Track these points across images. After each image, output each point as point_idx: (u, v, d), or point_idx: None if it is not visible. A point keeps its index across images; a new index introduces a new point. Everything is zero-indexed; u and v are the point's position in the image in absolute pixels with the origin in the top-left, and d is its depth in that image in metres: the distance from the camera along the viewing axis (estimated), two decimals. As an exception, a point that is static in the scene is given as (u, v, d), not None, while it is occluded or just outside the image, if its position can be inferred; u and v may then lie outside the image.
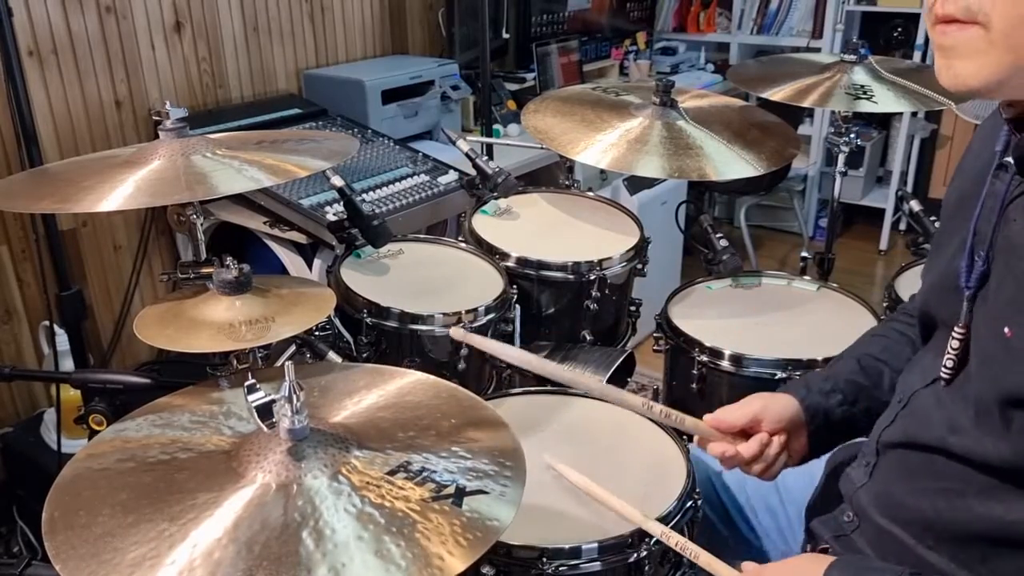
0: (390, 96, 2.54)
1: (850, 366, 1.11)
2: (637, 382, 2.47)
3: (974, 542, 0.81)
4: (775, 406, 1.07)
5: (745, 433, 1.06)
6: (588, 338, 1.69)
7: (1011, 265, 0.79)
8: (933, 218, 1.73)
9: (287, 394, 0.80)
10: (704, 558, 0.94)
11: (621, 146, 1.55)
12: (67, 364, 1.93)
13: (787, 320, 1.60)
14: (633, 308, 1.84)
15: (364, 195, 2.09)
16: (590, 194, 1.97)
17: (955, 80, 0.74)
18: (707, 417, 1.08)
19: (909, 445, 0.89)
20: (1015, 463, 0.76)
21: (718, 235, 1.77)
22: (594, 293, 1.65)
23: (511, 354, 1.12)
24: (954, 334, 0.84)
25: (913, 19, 3.87)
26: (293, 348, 1.33)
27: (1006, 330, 0.76)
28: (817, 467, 1.11)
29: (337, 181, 1.55)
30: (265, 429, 0.82)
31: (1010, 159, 0.80)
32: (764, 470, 1.06)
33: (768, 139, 1.64)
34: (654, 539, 1.03)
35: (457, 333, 0.98)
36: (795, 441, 1.07)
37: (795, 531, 1.16)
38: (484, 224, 1.79)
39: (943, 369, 0.86)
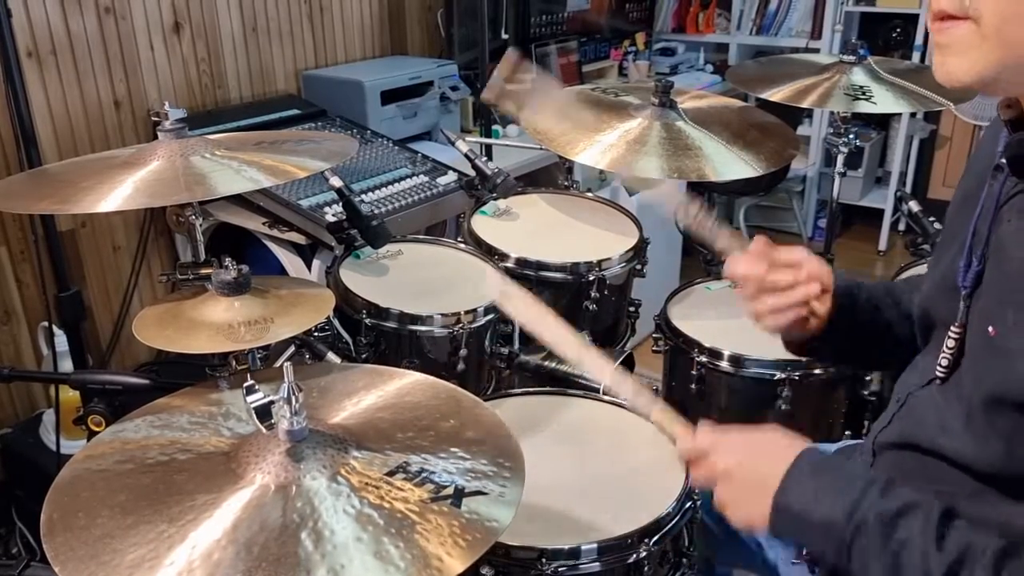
0: (389, 97, 2.54)
1: (877, 285, 1.12)
2: (636, 383, 2.47)
3: None
4: (817, 260, 1.06)
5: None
6: (587, 339, 1.69)
7: (1000, 265, 0.79)
8: (932, 219, 1.73)
9: (286, 395, 0.80)
10: (657, 415, 0.98)
11: (620, 147, 1.54)
12: (66, 365, 1.93)
13: (786, 321, 1.60)
14: (632, 309, 1.83)
15: (363, 196, 2.09)
16: (589, 195, 1.98)
17: (948, 76, 0.75)
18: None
19: (904, 446, 0.89)
20: (1000, 468, 0.76)
21: (717, 236, 1.76)
22: (593, 294, 1.65)
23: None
24: (950, 333, 0.84)
25: (912, 20, 3.87)
26: (292, 349, 1.33)
27: (990, 329, 0.77)
28: None
29: (336, 182, 1.55)
30: (264, 430, 0.82)
31: (1003, 160, 0.81)
32: (775, 311, 1.04)
33: (767, 140, 1.64)
34: (653, 540, 1.03)
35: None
36: (821, 305, 1.06)
37: None
38: (483, 225, 1.79)
39: (938, 368, 0.86)
